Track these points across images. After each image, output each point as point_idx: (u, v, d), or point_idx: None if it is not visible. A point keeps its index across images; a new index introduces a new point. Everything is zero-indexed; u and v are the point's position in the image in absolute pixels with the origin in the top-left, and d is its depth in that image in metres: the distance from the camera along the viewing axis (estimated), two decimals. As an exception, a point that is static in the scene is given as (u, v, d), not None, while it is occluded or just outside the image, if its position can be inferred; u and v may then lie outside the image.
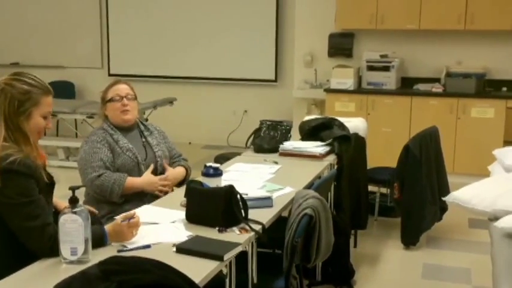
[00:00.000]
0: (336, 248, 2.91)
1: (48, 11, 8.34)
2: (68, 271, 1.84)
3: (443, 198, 3.22)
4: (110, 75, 8.09)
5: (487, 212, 2.88)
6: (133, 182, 3.00)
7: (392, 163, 4.54)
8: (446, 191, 4.34)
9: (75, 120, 7.37)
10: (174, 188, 3.17)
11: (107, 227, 2.19)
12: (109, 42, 8.18)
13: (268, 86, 7.60)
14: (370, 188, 4.40)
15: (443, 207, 4.44)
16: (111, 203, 2.95)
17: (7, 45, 8.49)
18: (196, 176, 3.15)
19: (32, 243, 2.05)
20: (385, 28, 6.44)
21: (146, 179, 3.04)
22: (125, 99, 3.08)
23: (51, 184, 2.22)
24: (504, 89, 6.26)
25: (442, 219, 4.54)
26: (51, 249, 2.03)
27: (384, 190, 4.89)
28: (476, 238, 4.46)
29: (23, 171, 2.06)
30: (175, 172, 3.19)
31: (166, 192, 3.04)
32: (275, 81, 7.56)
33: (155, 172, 3.11)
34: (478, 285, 3.67)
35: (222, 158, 4.76)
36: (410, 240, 4.27)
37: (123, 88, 3.11)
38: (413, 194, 4.22)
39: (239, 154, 3.96)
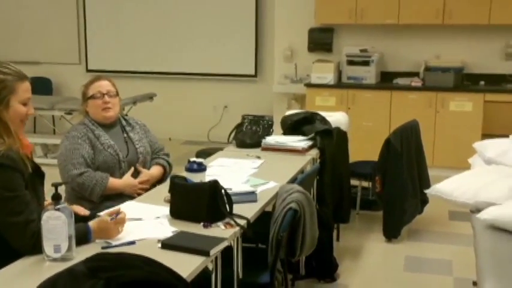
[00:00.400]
0: (320, 242, 2.92)
1: (24, 5, 8.19)
2: (51, 269, 1.81)
3: (426, 191, 3.25)
4: (87, 71, 7.99)
5: (469, 204, 2.91)
6: (114, 183, 2.97)
7: (373, 157, 4.57)
8: (427, 183, 4.38)
9: (53, 116, 7.26)
10: (156, 184, 3.14)
11: (91, 223, 2.16)
12: (86, 37, 8.06)
13: (248, 81, 7.58)
14: (352, 181, 4.42)
15: (424, 200, 4.48)
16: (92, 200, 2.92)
17: (-19, 41, 8.33)
18: (177, 172, 3.12)
19: (14, 240, 2.01)
20: (364, 23, 6.46)
21: (127, 182, 3.01)
22: (106, 96, 3.04)
23: (39, 175, 2.17)
24: (482, 82, 6.33)
25: (423, 212, 4.58)
26: (34, 247, 1.99)
27: (365, 184, 4.91)
28: (456, 230, 4.51)
29: (7, 164, 2.01)
30: (150, 173, 3.13)
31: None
32: (255, 76, 7.54)
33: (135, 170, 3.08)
34: (459, 277, 3.71)
35: (204, 154, 4.73)
36: (392, 233, 4.30)
37: (104, 85, 3.06)
38: (394, 187, 4.25)
39: (220, 149, 3.94)
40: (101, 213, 2.26)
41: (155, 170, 3.18)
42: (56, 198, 1.96)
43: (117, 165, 3.02)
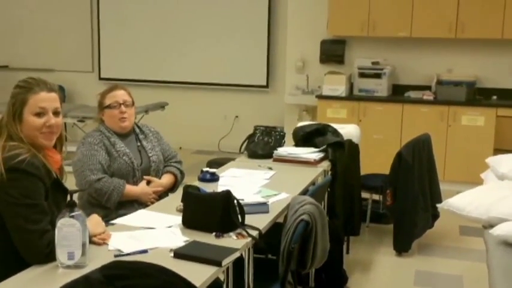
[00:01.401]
0: (329, 254, 2.90)
1: (38, 13, 8.28)
2: (65, 276, 1.83)
3: (438, 205, 3.24)
4: (100, 79, 8.05)
5: (481, 220, 2.90)
6: (131, 190, 3.00)
7: (383, 170, 4.55)
8: (438, 198, 4.37)
9: (65, 124, 7.29)
10: (168, 192, 3.16)
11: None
12: (100, 46, 8.14)
13: (259, 91, 7.60)
14: (362, 194, 4.40)
15: (435, 215, 4.46)
16: (106, 207, 2.93)
17: (-4, 48, 8.43)
18: (188, 181, 3.13)
19: (28, 247, 2.00)
20: (376, 35, 6.48)
21: (144, 190, 3.04)
22: (122, 106, 3.06)
23: (62, 191, 2.16)
24: (494, 97, 6.31)
25: (434, 226, 4.55)
26: (48, 256, 1.98)
27: (375, 197, 4.90)
28: (467, 245, 4.48)
29: (31, 172, 2.02)
30: (160, 183, 3.14)
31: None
32: (266, 87, 7.56)
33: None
34: (470, 292, 3.69)
35: (215, 164, 4.74)
36: (402, 247, 4.28)
37: (120, 94, 3.09)
38: (405, 200, 4.23)
39: (232, 159, 3.95)
40: (114, 221, 2.26)
41: (166, 179, 3.19)
42: (71, 205, 1.97)
43: (131, 173, 3.04)
